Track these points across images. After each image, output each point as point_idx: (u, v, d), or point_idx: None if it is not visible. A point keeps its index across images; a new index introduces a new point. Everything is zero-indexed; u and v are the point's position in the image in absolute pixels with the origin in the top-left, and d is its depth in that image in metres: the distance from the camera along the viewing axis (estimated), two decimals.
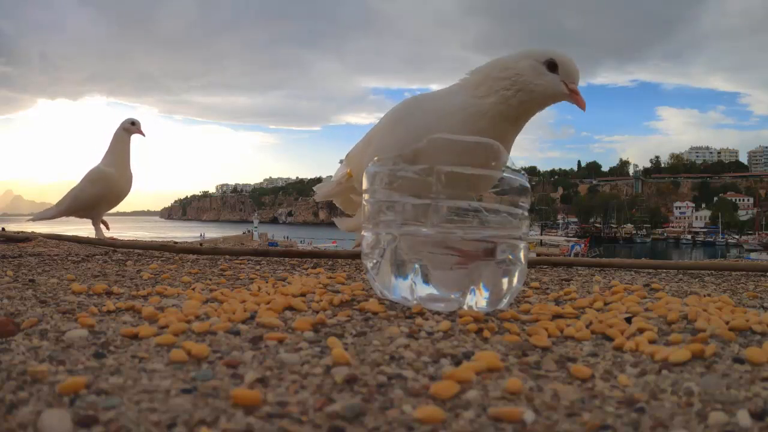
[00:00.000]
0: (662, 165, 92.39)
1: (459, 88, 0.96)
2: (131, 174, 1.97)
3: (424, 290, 0.62)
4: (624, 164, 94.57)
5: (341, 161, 1.31)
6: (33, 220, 2.05)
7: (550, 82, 0.90)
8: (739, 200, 69.79)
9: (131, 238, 1.92)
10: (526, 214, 0.65)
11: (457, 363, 0.44)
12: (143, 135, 1.96)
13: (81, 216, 1.95)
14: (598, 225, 65.73)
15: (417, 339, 0.51)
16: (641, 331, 0.54)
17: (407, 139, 0.84)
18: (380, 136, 1.03)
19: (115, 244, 1.45)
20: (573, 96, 0.91)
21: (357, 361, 0.44)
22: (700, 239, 53.34)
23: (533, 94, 0.91)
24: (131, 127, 1.95)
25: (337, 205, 1.33)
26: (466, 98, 0.93)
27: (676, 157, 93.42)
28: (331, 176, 1.33)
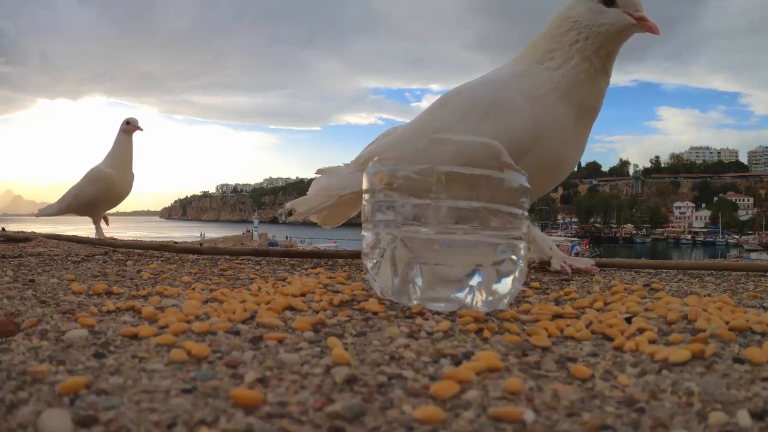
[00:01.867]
0: (662, 165, 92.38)
1: (534, 64, 0.89)
2: (132, 175, 1.97)
3: (424, 290, 0.62)
4: (624, 164, 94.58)
5: (320, 171, 1.12)
6: (37, 215, 2.07)
7: (613, 18, 0.86)
8: (739, 200, 69.79)
9: (131, 238, 1.92)
10: (526, 214, 0.65)
11: (457, 363, 0.44)
12: (141, 129, 1.96)
13: (82, 214, 1.95)
14: (598, 225, 65.73)
15: (417, 339, 0.51)
16: (641, 331, 0.54)
17: (519, 131, 0.82)
18: (464, 130, 0.86)
19: (115, 244, 1.46)
20: (642, 24, 0.86)
21: (357, 361, 0.44)
22: (700, 239, 53.35)
23: (601, 36, 0.86)
24: (127, 126, 1.95)
25: (314, 220, 1.16)
26: (551, 73, 0.87)
27: (676, 157, 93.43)
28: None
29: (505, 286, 0.63)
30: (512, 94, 0.88)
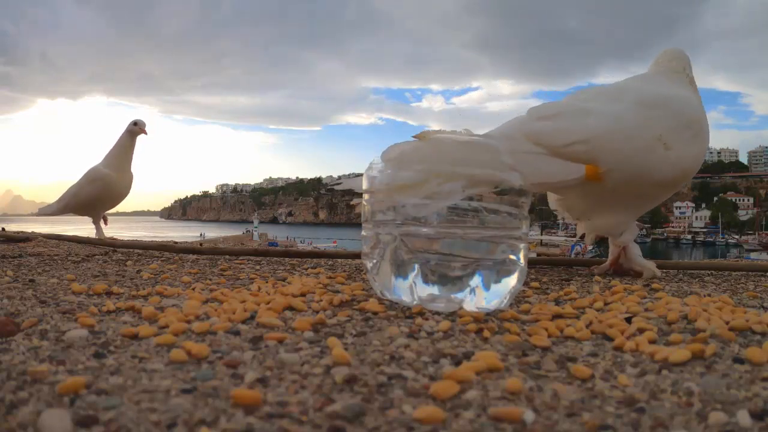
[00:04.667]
0: None
1: (693, 92, 0.97)
2: (131, 176, 1.96)
3: (424, 290, 0.62)
4: None
5: (425, 135, 0.79)
6: (37, 215, 2.07)
7: None
8: (739, 200, 69.71)
9: (131, 238, 1.91)
10: (526, 214, 0.65)
11: (457, 363, 0.44)
12: (145, 134, 1.96)
13: (81, 214, 1.95)
14: None
15: (417, 339, 0.51)
16: (641, 331, 0.54)
17: (705, 146, 0.93)
18: (680, 142, 0.87)
19: (115, 244, 1.46)
20: None
21: (357, 361, 0.44)
22: (700, 239, 53.29)
23: None
24: (134, 127, 1.95)
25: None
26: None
27: None
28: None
29: (505, 286, 0.63)
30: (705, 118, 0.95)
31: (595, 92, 0.94)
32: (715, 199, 70.15)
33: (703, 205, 68.56)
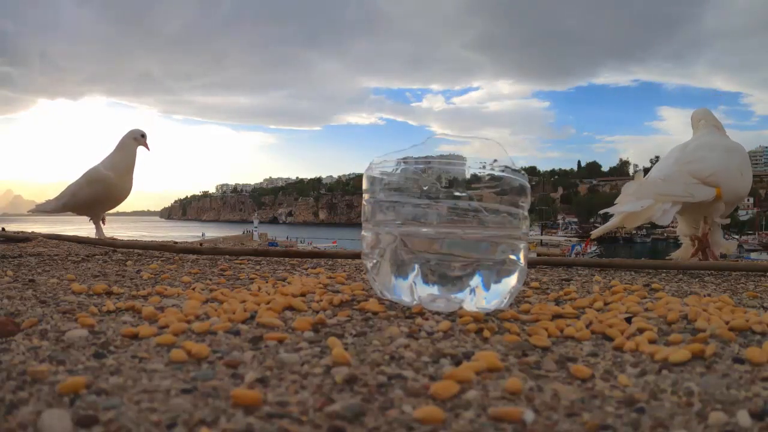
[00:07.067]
0: None
1: (725, 135, 1.42)
2: (132, 179, 1.96)
3: (424, 290, 0.62)
4: (624, 164, 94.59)
5: (636, 177, 1.33)
6: (33, 212, 2.06)
7: None
8: None
9: (131, 238, 1.91)
10: (526, 214, 0.65)
11: (457, 363, 0.44)
12: (147, 149, 1.98)
13: (80, 213, 1.95)
14: (598, 225, 65.55)
15: (417, 339, 0.51)
16: (641, 331, 0.54)
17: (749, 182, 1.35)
18: (740, 173, 1.31)
19: (115, 244, 1.45)
20: None
21: (357, 361, 0.44)
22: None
23: None
24: (140, 138, 1.96)
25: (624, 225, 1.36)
26: None
27: None
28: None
29: (505, 286, 0.63)
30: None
31: (695, 146, 1.35)
32: None
33: None
